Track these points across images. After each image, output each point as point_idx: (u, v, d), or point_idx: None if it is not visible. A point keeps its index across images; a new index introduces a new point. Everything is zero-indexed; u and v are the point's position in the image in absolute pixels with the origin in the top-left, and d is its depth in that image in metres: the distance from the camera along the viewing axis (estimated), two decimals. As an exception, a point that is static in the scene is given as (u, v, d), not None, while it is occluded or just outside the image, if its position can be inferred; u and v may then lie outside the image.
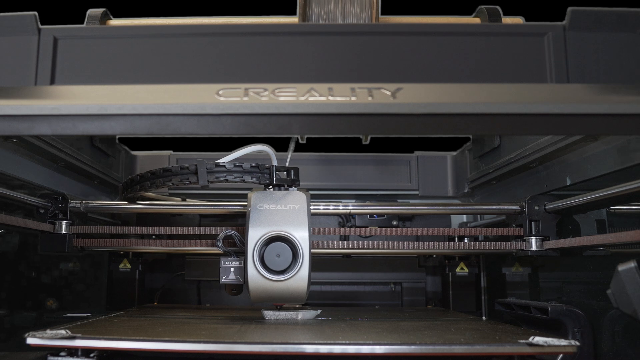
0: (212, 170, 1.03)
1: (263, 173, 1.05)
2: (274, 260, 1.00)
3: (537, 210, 1.21)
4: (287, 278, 0.99)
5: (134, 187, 1.13)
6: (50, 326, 0.80)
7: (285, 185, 1.06)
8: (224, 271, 1.06)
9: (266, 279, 0.99)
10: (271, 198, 1.04)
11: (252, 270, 0.99)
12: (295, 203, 1.03)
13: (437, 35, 0.81)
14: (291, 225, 1.01)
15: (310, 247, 1.01)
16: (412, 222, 1.65)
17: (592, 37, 0.79)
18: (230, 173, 1.04)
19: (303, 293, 1.01)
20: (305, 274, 1.00)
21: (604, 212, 1.07)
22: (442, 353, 0.77)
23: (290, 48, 0.80)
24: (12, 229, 1.14)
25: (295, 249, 1.00)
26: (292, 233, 1.00)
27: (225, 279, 1.06)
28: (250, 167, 1.05)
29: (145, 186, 1.09)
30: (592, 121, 0.70)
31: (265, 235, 1.00)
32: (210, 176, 1.03)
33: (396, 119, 0.70)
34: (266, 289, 1.00)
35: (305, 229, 1.01)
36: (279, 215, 1.02)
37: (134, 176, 1.13)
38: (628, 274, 0.72)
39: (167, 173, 1.05)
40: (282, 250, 1.00)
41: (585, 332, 1.03)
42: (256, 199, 1.03)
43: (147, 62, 0.80)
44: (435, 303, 1.66)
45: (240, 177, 1.04)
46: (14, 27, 0.81)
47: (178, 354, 0.82)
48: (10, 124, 0.70)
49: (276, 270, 0.99)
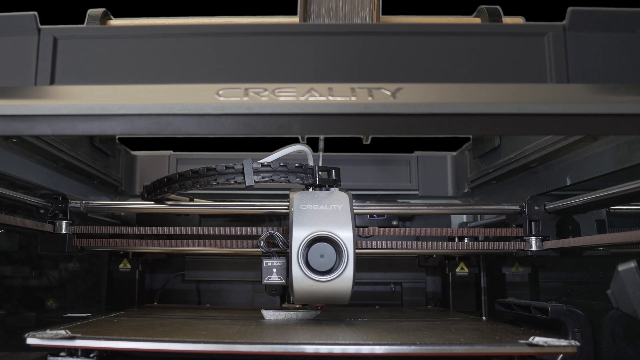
0: (258, 170, 1.02)
1: (307, 173, 1.05)
2: (318, 260, 0.99)
3: (537, 210, 1.21)
4: (332, 279, 0.98)
5: (171, 187, 1.09)
6: (50, 326, 0.80)
7: (326, 186, 1.06)
8: (267, 272, 1.05)
9: (311, 279, 0.98)
10: (314, 198, 1.03)
11: (297, 271, 0.98)
12: (338, 203, 1.02)
13: (437, 35, 0.81)
14: (335, 226, 1.00)
15: (355, 247, 1.00)
16: (412, 222, 1.65)
17: (592, 37, 0.79)
18: (275, 173, 1.03)
19: (348, 293, 1.00)
20: (350, 274, 0.99)
21: (604, 212, 1.07)
22: (442, 353, 0.77)
23: (290, 48, 0.80)
24: (13, 229, 1.14)
25: (340, 249, 0.99)
26: (336, 233, 0.99)
27: (267, 280, 1.05)
28: (294, 167, 1.04)
29: (187, 185, 1.06)
30: (592, 121, 0.70)
31: (310, 236, 0.99)
32: (256, 176, 1.02)
33: (396, 119, 0.70)
34: (311, 290, 0.99)
35: (350, 229, 1.00)
36: (323, 215, 1.01)
37: (172, 175, 1.10)
38: (628, 274, 0.72)
39: (211, 172, 1.03)
40: (326, 250, 0.99)
41: (585, 332, 1.03)
42: (299, 200, 1.02)
43: (147, 62, 0.80)
44: (435, 303, 1.66)
45: (285, 177, 1.03)
46: (14, 27, 0.81)
47: (178, 354, 0.82)
48: (10, 124, 0.70)
49: (321, 270, 0.99)
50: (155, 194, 1.15)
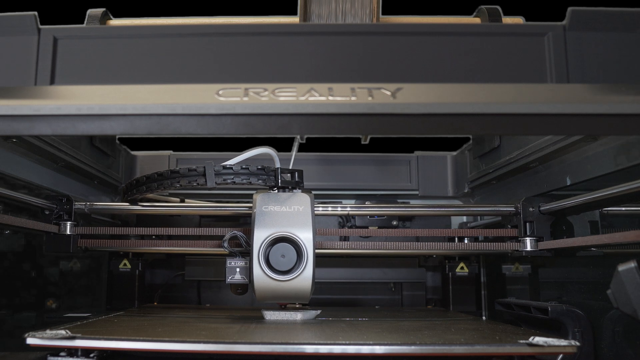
0: (219, 172, 1.04)
1: (269, 175, 1.06)
2: (279, 260, 1.01)
3: (532, 211, 1.21)
4: (291, 278, 1.01)
5: (139, 189, 1.12)
6: (50, 326, 0.80)
7: (289, 187, 1.08)
8: (230, 271, 1.08)
9: (271, 279, 1.01)
10: (276, 200, 1.05)
11: (258, 270, 1.01)
12: (299, 204, 1.05)
13: (437, 35, 0.81)
14: (296, 227, 1.03)
15: (315, 248, 1.02)
16: (412, 223, 1.65)
17: (592, 37, 0.79)
18: (237, 175, 1.04)
19: (307, 292, 1.03)
20: (310, 274, 1.01)
21: (597, 213, 1.08)
22: (442, 353, 0.77)
23: (290, 48, 0.80)
24: (19, 229, 1.14)
25: (300, 250, 1.01)
26: (296, 234, 1.02)
27: (231, 279, 1.07)
28: (256, 170, 1.06)
29: (152, 187, 1.08)
30: (592, 121, 0.70)
31: (271, 236, 1.02)
32: (218, 178, 1.03)
33: (396, 119, 0.70)
34: (271, 289, 1.02)
35: (310, 230, 1.03)
36: (284, 216, 1.04)
37: (140, 177, 1.12)
38: (628, 274, 0.71)
39: (174, 175, 1.05)
40: (287, 250, 1.02)
41: (585, 332, 1.03)
42: (261, 201, 1.05)
43: (147, 62, 0.80)
44: (435, 303, 1.66)
45: (247, 179, 1.05)
46: (14, 27, 0.80)
47: (178, 354, 0.82)
48: (10, 124, 0.70)
49: (281, 270, 1.01)
50: (128, 195, 1.17)
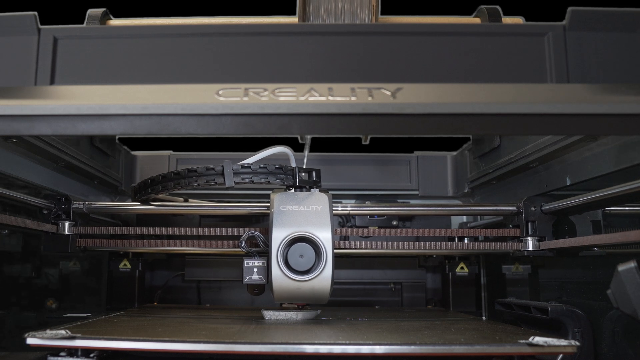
0: (238, 171, 1.03)
1: (287, 174, 1.06)
2: (298, 260, 1.00)
3: (534, 211, 1.21)
4: (310, 278, 1.00)
5: (155, 188, 1.10)
6: (50, 326, 0.80)
7: (307, 187, 1.07)
8: (247, 271, 1.07)
9: (290, 279, 1.00)
10: (294, 199, 1.04)
11: (277, 270, 1.00)
12: (317, 204, 1.04)
13: (437, 35, 0.81)
14: (314, 226, 1.02)
15: (334, 248, 1.01)
16: (412, 222, 1.65)
17: (592, 37, 0.79)
18: (255, 174, 1.04)
19: (326, 293, 1.02)
20: (329, 274, 1.00)
21: (600, 212, 1.07)
22: (442, 353, 0.77)
23: (290, 48, 0.80)
24: (17, 229, 1.14)
25: (319, 250, 1.00)
26: (315, 234, 1.01)
27: (248, 279, 1.07)
28: (275, 169, 1.05)
29: (169, 187, 1.07)
30: (592, 121, 0.70)
31: (289, 236, 1.01)
32: (236, 177, 1.03)
33: (396, 119, 0.70)
34: (290, 289, 1.01)
35: (328, 230, 1.02)
36: (302, 216, 1.03)
37: (155, 176, 1.11)
38: (628, 274, 0.71)
39: (192, 174, 1.04)
40: (306, 250, 1.01)
41: (585, 332, 1.03)
42: (279, 200, 1.04)
43: (147, 62, 0.80)
44: (435, 303, 1.66)
45: (265, 178, 1.04)
46: (14, 27, 0.80)
47: (178, 354, 0.82)
48: (10, 124, 0.70)
49: (300, 270, 1.00)
50: (141, 195, 1.16)
